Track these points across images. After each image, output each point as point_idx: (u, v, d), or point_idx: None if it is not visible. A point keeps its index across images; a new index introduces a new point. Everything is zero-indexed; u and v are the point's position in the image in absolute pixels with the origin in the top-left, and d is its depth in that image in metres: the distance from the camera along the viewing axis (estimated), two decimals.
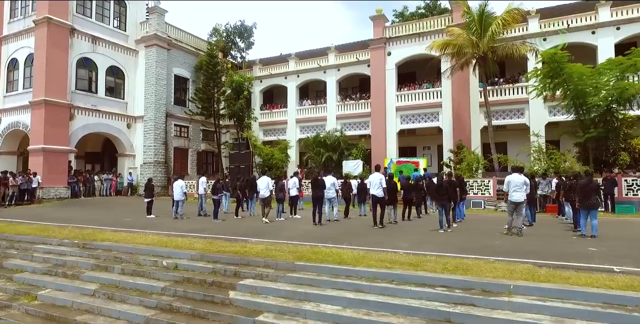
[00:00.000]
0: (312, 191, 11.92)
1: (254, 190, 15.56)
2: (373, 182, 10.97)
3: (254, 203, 15.34)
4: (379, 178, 10.93)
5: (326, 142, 23.54)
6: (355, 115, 26.99)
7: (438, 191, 10.36)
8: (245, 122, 28.72)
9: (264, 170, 13.73)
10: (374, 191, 10.93)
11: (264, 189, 12.81)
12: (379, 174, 11.13)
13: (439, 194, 10.33)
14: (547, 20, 22.30)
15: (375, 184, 10.92)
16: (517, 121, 22.76)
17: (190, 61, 29.49)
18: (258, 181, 15.41)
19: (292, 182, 14.49)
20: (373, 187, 10.97)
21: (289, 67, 29.89)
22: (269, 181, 12.95)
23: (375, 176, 11.04)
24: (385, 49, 25.46)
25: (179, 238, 9.34)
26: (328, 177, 12.53)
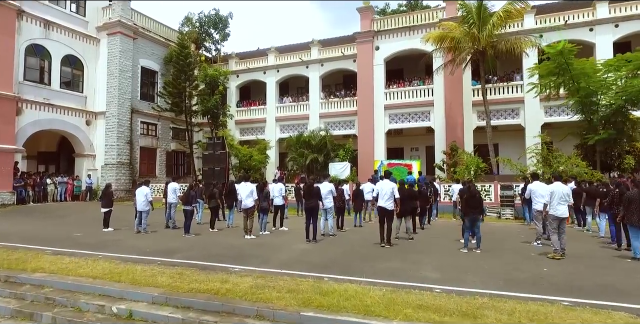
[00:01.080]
0: (305, 200, 9.96)
1: (232, 197, 13.46)
2: (383, 192, 9.13)
3: (233, 213, 13.24)
4: (391, 187, 9.11)
5: (310, 142, 21.61)
6: (340, 113, 25.19)
7: (469, 202, 8.63)
8: (221, 120, 26.38)
9: (246, 175, 11.53)
10: (384, 202, 9.10)
11: (247, 197, 10.74)
12: (390, 182, 9.30)
13: (471, 206, 8.59)
14: (543, 16, 21.24)
15: (386, 193, 9.09)
16: (512, 121, 21.60)
17: (159, 52, 26.84)
18: (239, 187, 13.33)
19: (277, 189, 12.48)
20: (383, 198, 9.13)
21: (268, 62, 27.78)
22: (253, 188, 10.89)
23: (387, 185, 9.20)
24: (373, 43, 23.79)
25: (138, 266, 7.18)
26: (324, 183, 10.60)
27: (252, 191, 10.81)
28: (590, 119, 15.52)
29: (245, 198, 10.74)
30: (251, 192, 10.78)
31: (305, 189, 9.90)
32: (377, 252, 8.57)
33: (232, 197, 13.54)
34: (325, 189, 10.44)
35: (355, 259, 7.86)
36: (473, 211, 8.52)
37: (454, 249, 8.80)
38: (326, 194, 10.38)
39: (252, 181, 12.01)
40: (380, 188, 9.27)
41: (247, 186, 10.92)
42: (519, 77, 21.71)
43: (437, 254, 8.25)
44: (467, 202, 8.59)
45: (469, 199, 8.60)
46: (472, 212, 8.52)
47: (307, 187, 9.87)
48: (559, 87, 16.40)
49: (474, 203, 8.56)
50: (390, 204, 9.06)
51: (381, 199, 9.15)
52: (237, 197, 13.80)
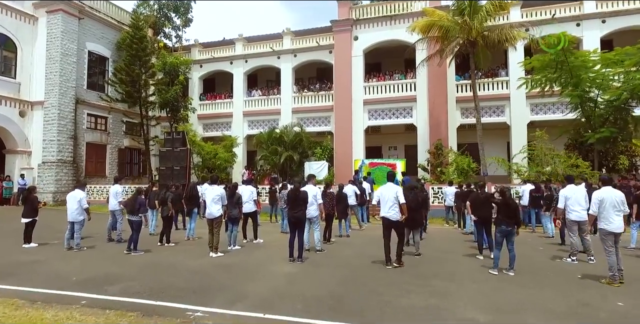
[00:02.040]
0: (289, 209, 7.84)
1: (194, 203, 11.11)
2: (385, 198, 7.20)
3: (194, 222, 10.88)
4: (394, 192, 7.20)
5: (283, 138, 19.42)
6: (314, 108, 23.19)
7: (507, 211, 6.82)
8: (182, 113, 23.64)
9: (214, 177, 9.22)
10: (387, 210, 7.18)
11: (214, 204, 8.49)
12: (394, 185, 7.39)
13: (508, 215, 6.80)
14: (529, 10, 20.27)
15: (389, 200, 7.17)
16: (497, 119, 20.47)
17: (110, 36, 23.71)
18: (204, 190, 11.10)
19: (247, 193, 10.27)
20: (385, 205, 7.21)
21: (235, 51, 25.34)
22: (221, 193, 8.64)
23: (389, 189, 7.27)
24: (351, 32, 21.97)
25: (49, 312, 4.84)
26: (308, 186, 8.53)
27: (221, 197, 8.56)
28: (589, 116, 14.38)
29: (211, 205, 8.48)
30: (219, 198, 8.53)
31: (291, 195, 7.78)
32: (387, 277, 6.63)
33: (193, 203, 11.19)
34: (310, 195, 8.40)
35: (362, 289, 5.87)
36: (507, 221, 6.77)
37: (481, 271, 7.02)
38: (311, 200, 8.34)
39: (220, 183, 9.79)
40: (380, 193, 7.33)
41: (214, 190, 8.65)
42: (504, 73, 20.64)
43: (465, 280, 6.42)
44: (505, 211, 6.82)
45: (505, 207, 6.83)
46: (505, 224, 6.76)
47: (292, 193, 7.75)
48: (555, 81, 15.19)
49: (509, 212, 6.81)
50: (395, 213, 7.15)
51: (383, 206, 7.22)
52: (199, 202, 11.51)
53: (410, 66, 22.36)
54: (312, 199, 8.37)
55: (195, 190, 11.44)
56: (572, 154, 14.16)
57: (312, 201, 8.41)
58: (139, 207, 8.59)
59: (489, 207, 7.89)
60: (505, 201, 6.87)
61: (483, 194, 8.00)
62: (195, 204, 11.00)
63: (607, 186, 6.55)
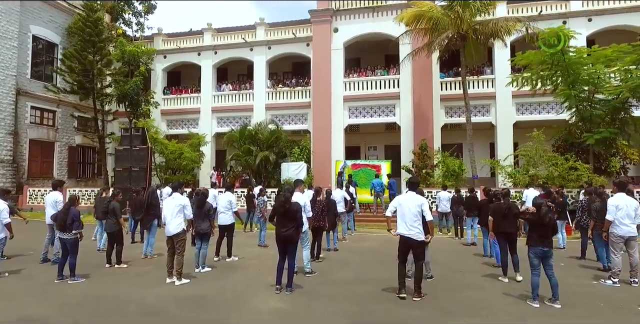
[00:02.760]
0: (277, 225, 6.15)
1: (153, 213, 9.21)
2: (406, 211, 5.67)
3: (154, 236, 8.99)
4: (418, 204, 5.69)
5: (259, 137, 17.64)
6: (290, 105, 21.54)
7: (543, 230, 5.44)
8: (142, 108, 21.30)
9: (176, 183, 7.35)
10: (408, 228, 5.64)
11: (173, 217, 6.70)
12: (417, 195, 5.87)
13: (544, 234, 5.46)
14: (516, 6, 19.52)
15: (412, 214, 5.65)
16: (482, 118, 19.60)
17: (60, 20, 21.05)
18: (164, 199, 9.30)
19: (224, 202, 8.52)
20: (404, 219, 5.67)
21: (204, 41, 23.26)
22: (183, 203, 6.84)
23: (412, 200, 5.73)
24: (331, 23, 20.47)
25: None
26: (296, 194, 6.89)
27: (183, 207, 6.77)
28: (586, 116, 13.58)
29: (170, 219, 6.69)
30: (180, 209, 6.74)
31: (279, 208, 6.09)
32: (407, 315, 5.12)
33: (152, 212, 9.29)
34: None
35: None
36: (543, 241, 5.45)
37: (516, 302, 5.66)
38: None
39: (186, 186, 7.99)
40: (399, 204, 5.81)
41: (175, 200, 6.84)
42: (490, 71, 19.83)
43: (505, 316, 5.03)
44: (544, 223, 5.48)
45: (542, 220, 5.49)
46: (542, 244, 5.44)
47: (281, 206, 6.06)
48: (549, 79, 14.34)
49: (545, 231, 5.49)
50: (419, 231, 5.66)
51: (402, 222, 5.71)
52: (159, 211, 9.60)
53: (391, 62, 21.22)
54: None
55: (154, 197, 9.54)
56: (569, 155, 13.29)
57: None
58: (72, 221, 6.62)
59: (513, 221, 6.58)
60: (540, 219, 5.53)
61: (506, 205, 6.65)
62: (155, 214, 9.11)
63: (621, 192, 5.56)
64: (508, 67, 18.97)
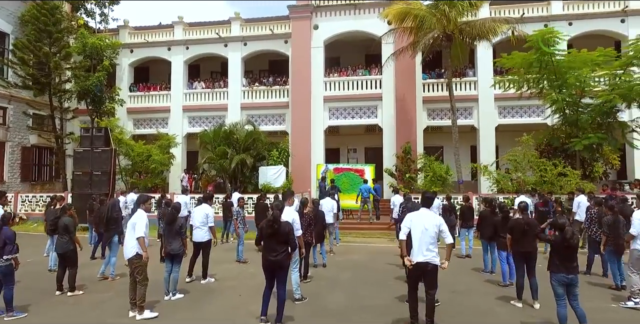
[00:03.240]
0: (264, 250, 5.16)
1: (114, 229, 7.99)
2: (421, 232, 4.84)
3: (115, 254, 7.78)
4: (436, 223, 4.88)
5: (235, 138, 16.48)
6: (267, 105, 20.47)
7: (567, 254, 4.72)
8: (106, 106, 19.65)
9: (141, 198, 6.16)
10: (424, 252, 4.78)
11: (135, 235, 5.60)
12: (431, 212, 5.07)
13: (569, 259, 4.73)
14: (498, 7, 19.27)
15: (428, 235, 4.84)
16: (464, 121, 19.18)
17: (12, 8, 19.04)
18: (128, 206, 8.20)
19: (200, 216, 7.43)
20: (420, 242, 4.82)
21: (175, 35, 21.81)
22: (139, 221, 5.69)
23: (428, 219, 4.92)
24: (311, 20, 19.57)
25: None
26: (285, 209, 5.94)
27: (142, 225, 5.66)
28: (573, 121, 13.31)
29: (130, 239, 5.59)
30: (144, 226, 5.65)
31: (267, 229, 5.09)
32: None
33: (112, 227, 8.06)
34: (289, 217, 5.90)
35: None
36: (568, 267, 4.77)
37: None
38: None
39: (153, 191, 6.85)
40: (412, 224, 4.94)
41: (137, 217, 5.73)
42: (472, 73, 19.50)
43: None
44: (559, 252, 4.80)
45: (561, 249, 4.80)
46: (565, 270, 4.76)
47: (269, 226, 5.05)
48: (537, 82, 14.02)
49: (569, 255, 4.81)
50: (435, 255, 4.85)
51: (418, 245, 4.86)
52: (122, 227, 8.39)
53: (372, 62, 20.58)
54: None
55: (115, 209, 8.31)
56: (558, 161, 12.98)
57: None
58: (4, 245, 5.33)
59: (533, 238, 5.90)
60: (565, 241, 4.84)
61: (525, 221, 5.97)
62: (116, 229, 7.90)
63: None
64: (491, 69, 18.71)
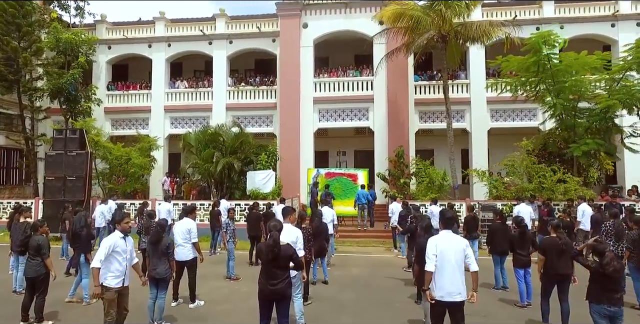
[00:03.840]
0: (261, 277, 4.47)
1: (84, 245, 7.08)
2: (450, 260, 4.20)
3: (86, 276, 6.87)
4: (463, 249, 4.27)
5: (221, 140, 15.63)
6: (254, 106, 19.68)
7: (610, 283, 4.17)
8: (82, 105, 18.45)
9: (118, 216, 5.25)
10: (449, 285, 4.15)
11: (106, 260, 4.74)
12: (455, 235, 4.45)
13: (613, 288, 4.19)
14: (490, 9, 19.02)
15: (455, 263, 4.23)
16: (456, 124, 18.64)
17: None
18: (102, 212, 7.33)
19: (182, 231, 6.64)
20: (446, 271, 4.19)
21: (156, 31, 20.76)
22: (117, 247, 4.85)
23: (454, 244, 4.30)
24: (300, 18, 18.89)
25: None
26: (286, 227, 5.23)
27: (119, 252, 4.83)
28: (572, 125, 13.04)
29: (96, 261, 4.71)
30: (126, 252, 4.83)
31: (267, 254, 4.36)
32: None
33: (83, 244, 7.14)
34: (292, 236, 5.23)
35: None
36: (610, 298, 4.25)
37: None
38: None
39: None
40: (437, 250, 4.27)
41: (109, 239, 4.90)
42: (464, 76, 19.18)
43: None
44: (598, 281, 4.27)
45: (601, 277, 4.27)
46: (607, 302, 4.24)
47: (270, 251, 4.33)
48: (535, 86, 13.73)
49: (612, 285, 4.28)
50: (463, 288, 4.23)
51: (442, 276, 4.23)
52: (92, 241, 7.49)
53: (362, 63, 20.08)
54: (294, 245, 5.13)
55: (80, 224, 7.36)
56: (557, 167, 12.68)
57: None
58: None
59: (569, 259, 5.34)
60: (602, 268, 4.30)
61: (562, 241, 5.40)
62: (81, 247, 6.98)
63: None
64: (483, 71, 18.45)
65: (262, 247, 4.57)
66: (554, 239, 5.51)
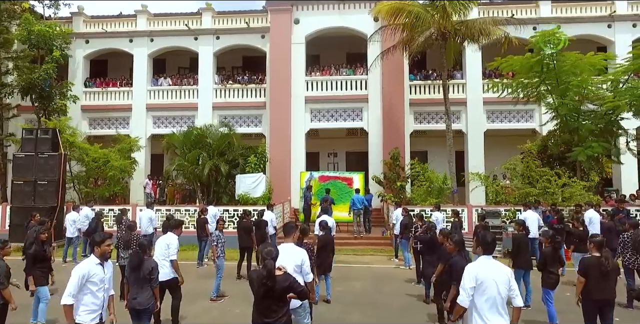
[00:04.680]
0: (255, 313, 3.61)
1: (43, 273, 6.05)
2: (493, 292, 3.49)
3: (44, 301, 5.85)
4: (507, 279, 3.54)
5: (208, 142, 14.66)
6: (242, 105, 18.75)
7: None
8: (56, 103, 17.17)
9: (95, 240, 4.25)
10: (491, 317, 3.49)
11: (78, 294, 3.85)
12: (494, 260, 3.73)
13: None
14: (487, 8, 18.56)
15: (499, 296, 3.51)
16: (453, 126, 18.27)
17: None
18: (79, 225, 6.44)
19: (161, 248, 5.77)
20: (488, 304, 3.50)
21: (137, 25, 19.60)
22: (88, 272, 3.90)
23: (498, 273, 3.57)
24: (292, 13, 18.04)
25: None
26: (288, 248, 4.40)
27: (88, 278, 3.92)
28: (576, 128, 12.57)
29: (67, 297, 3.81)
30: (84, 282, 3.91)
31: (259, 287, 3.46)
32: None
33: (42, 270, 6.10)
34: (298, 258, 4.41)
35: None
36: None
37: None
38: (295, 268, 4.30)
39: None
40: (478, 281, 3.54)
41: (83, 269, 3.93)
42: (459, 76, 18.66)
43: None
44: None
45: None
46: None
47: (262, 284, 3.42)
48: (537, 87, 13.23)
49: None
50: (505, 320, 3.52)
51: (485, 308, 3.51)
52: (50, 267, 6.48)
53: (354, 61, 19.40)
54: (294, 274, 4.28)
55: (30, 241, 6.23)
56: (561, 171, 12.19)
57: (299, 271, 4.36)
58: None
59: (614, 282, 4.68)
60: None
61: (607, 260, 4.71)
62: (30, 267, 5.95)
63: None
64: (479, 72, 17.99)
65: (253, 277, 3.71)
66: (597, 259, 4.83)
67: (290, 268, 4.19)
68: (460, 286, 3.69)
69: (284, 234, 4.87)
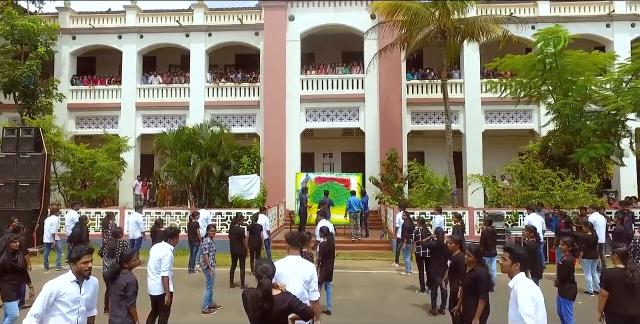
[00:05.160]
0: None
1: (15, 287, 5.51)
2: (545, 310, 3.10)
3: (12, 311, 5.29)
4: (529, 299, 3.15)
5: (198, 141, 14.12)
6: (235, 104, 18.23)
7: None
8: (41, 101, 16.51)
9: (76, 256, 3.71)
10: None
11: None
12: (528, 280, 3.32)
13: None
14: (485, 6, 18.26)
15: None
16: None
17: None
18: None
19: (155, 257, 5.29)
20: None
21: (126, 21, 18.96)
22: (59, 290, 3.36)
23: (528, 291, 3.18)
24: (286, 10, 17.56)
25: None
26: (293, 260, 3.92)
27: (57, 298, 3.36)
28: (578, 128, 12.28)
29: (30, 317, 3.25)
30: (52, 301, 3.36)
31: (254, 311, 2.92)
32: None
33: (14, 284, 5.54)
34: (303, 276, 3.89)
35: None
36: None
37: None
38: (301, 291, 3.79)
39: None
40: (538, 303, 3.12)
41: (54, 286, 3.37)
42: (457, 75, 18.34)
43: None
44: None
45: None
46: None
47: (258, 307, 2.90)
48: (539, 87, 12.92)
49: None
50: None
51: None
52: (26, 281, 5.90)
53: (350, 59, 18.99)
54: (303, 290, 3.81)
55: (5, 258, 5.63)
56: (564, 172, 11.89)
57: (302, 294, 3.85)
58: None
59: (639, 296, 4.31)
60: None
61: (634, 273, 4.33)
62: (14, 288, 5.41)
63: None
64: (477, 71, 17.69)
65: (247, 297, 3.21)
66: (622, 271, 4.44)
67: (298, 285, 3.72)
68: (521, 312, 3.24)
69: (290, 245, 4.30)
